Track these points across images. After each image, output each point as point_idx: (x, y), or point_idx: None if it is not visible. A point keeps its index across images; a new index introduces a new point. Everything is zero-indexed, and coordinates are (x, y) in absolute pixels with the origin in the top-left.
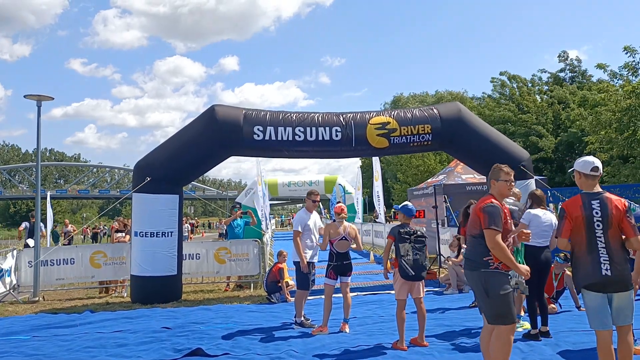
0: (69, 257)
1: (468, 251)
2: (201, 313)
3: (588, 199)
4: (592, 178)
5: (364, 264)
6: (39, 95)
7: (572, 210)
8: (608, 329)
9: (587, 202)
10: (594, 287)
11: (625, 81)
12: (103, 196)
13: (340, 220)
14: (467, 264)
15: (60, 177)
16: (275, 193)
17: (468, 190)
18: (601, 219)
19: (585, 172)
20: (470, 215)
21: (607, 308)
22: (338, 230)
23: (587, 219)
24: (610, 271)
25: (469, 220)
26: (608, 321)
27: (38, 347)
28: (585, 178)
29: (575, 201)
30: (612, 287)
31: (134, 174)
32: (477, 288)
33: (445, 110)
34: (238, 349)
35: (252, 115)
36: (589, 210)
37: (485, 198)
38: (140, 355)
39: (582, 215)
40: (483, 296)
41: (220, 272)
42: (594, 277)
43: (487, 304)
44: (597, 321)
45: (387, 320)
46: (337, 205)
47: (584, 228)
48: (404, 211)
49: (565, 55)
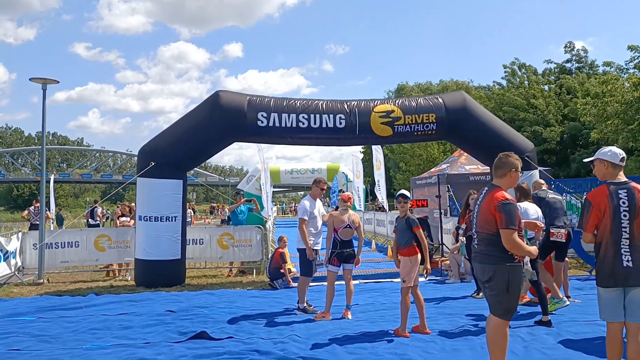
0: (73, 240)
1: (486, 245)
2: (205, 297)
3: (615, 188)
4: (619, 168)
5: (365, 252)
6: (44, 79)
7: (599, 200)
8: (619, 320)
9: (615, 192)
10: (614, 279)
11: (631, 74)
12: (106, 181)
13: (345, 209)
14: (486, 258)
15: (63, 161)
16: (277, 180)
17: (471, 180)
18: (628, 208)
19: (614, 162)
20: (482, 212)
21: (621, 300)
22: (342, 218)
23: (614, 209)
24: (632, 262)
25: (481, 217)
26: (619, 313)
27: (44, 328)
28: (612, 168)
29: (601, 191)
30: (633, 280)
31: (138, 158)
32: (499, 282)
33: (450, 100)
34: (242, 333)
35: (257, 102)
36: (617, 199)
37: (495, 192)
38: (146, 337)
39: (609, 205)
40: (502, 290)
41: (224, 257)
42: (615, 267)
43: (505, 297)
44: (609, 313)
45: (389, 308)
46: (345, 193)
47: (610, 218)
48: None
49: (571, 45)
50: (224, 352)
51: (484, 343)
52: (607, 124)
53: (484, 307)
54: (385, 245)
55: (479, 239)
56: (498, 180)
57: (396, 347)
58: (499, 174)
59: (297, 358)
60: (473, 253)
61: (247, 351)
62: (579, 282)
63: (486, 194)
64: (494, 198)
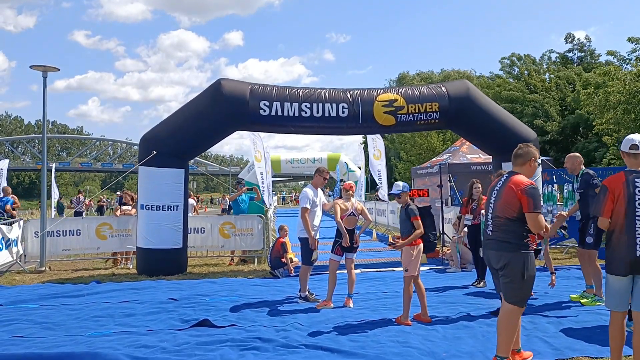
0: (75, 229)
1: (503, 232)
2: (206, 286)
3: (632, 176)
4: (633, 156)
5: (366, 241)
6: (45, 66)
7: (615, 187)
8: (623, 310)
9: (631, 180)
10: (626, 267)
11: (633, 64)
12: (106, 169)
13: (347, 197)
14: (502, 245)
15: (63, 149)
16: (278, 170)
17: (473, 170)
18: None
19: (624, 151)
20: (503, 196)
21: (629, 289)
22: (346, 205)
23: (629, 197)
24: None
25: (502, 202)
26: (625, 303)
27: (47, 316)
28: (627, 157)
29: (618, 178)
30: None
31: (139, 147)
32: (514, 270)
33: (453, 89)
34: (244, 321)
35: (259, 90)
36: (632, 187)
37: (518, 177)
38: (149, 324)
39: (624, 192)
40: (518, 278)
41: (225, 246)
42: (627, 255)
43: (520, 285)
44: (615, 302)
45: (391, 297)
46: (347, 182)
47: (624, 205)
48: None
49: (571, 37)
50: (226, 340)
51: (485, 331)
52: (609, 115)
53: (485, 295)
54: (386, 235)
55: (495, 225)
56: (518, 168)
57: (398, 335)
58: (519, 162)
59: (300, 345)
60: (486, 240)
61: (249, 339)
62: (579, 271)
63: (507, 180)
64: (519, 182)
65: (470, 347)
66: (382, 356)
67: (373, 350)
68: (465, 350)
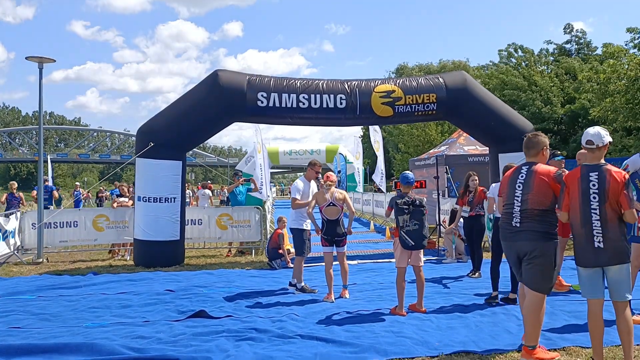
0: (72, 220)
1: (538, 223)
2: (203, 277)
3: (587, 171)
4: (590, 151)
5: (364, 232)
6: (41, 57)
7: (570, 182)
8: (598, 298)
9: (586, 174)
10: (587, 261)
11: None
12: (104, 161)
13: (327, 187)
14: (536, 235)
15: (61, 140)
16: (277, 161)
17: (470, 161)
18: (597, 191)
19: (582, 144)
20: (536, 188)
21: (598, 279)
22: (325, 196)
23: (584, 192)
24: (602, 244)
25: (536, 193)
26: (599, 291)
27: (44, 307)
28: (584, 150)
29: (574, 173)
30: (604, 261)
31: (136, 138)
32: (548, 258)
33: (450, 79)
34: (240, 312)
35: (256, 81)
36: (587, 182)
37: (542, 166)
38: (145, 316)
39: (579, 187)
40: (550, 266)
41: (222, 238)
42: (586, 248)
43: (550, 273)
44: (588, 290)
45: (387, 287)
46: (328, 173)
47: (579, 200)
48: (401, 180)
49: (570, 27)
50: (222, 331)
51: (479, 321)
52: (606, 102)
53: (479, 286)
54: (383, 226)
55: (526, 217)
56: (533, 158)
57: (392, 325)
58: (532, 153)
59: (295, 336)
60: (512, 232)
61: (245, 329)
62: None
63: (532, 172)
64: (548, 171)
65: (463, 337)
66: (376, 346)
67: (368, 340)
68: (458, 340)
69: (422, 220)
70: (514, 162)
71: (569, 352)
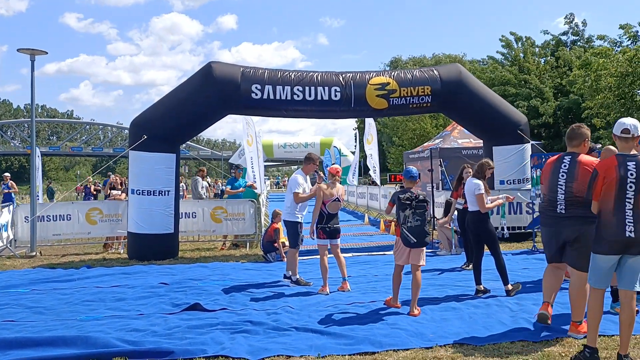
0: (65, 214)
1: (582, 209)
2: (198, 270)
3: (624, 160)
4: (624, 140)
5: (358, 225)
6: (33, 50)
7: (606, 170)
8: (604, 287)
9: (623, 163)
10: (615, 248)
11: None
12: (96, 154)
13: (333, 182)
14: (581, 220)
15: (53, 133)
16: (271, 154)
17: (464, 154)
18: (635, 180)
19: (616, 134)
20: (580, 177)
21: (613, 270)
22: (332, 191)
23: (621, 180)
24: (634, 233)
25: (578, 182)
26: (607, 281)
27: (37, 300)
28: (619, 140)
29: (610, 162)
30: (633, 249)
31: (130, 131)
32: (589, 240)
33: (445, 72)
34: (235, 305)
35: (250, 73)
36: (624, 171)
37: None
38: (140, 309)
39: (617, 175)
40: (590, 246)
41: (217, 231)
42: (616, 236)
43: (589, 253)
44: (602, 280)
45: (381, 280)
46: (333, 166)
47: (615, 188)
48: (405, 175)
49: (571, 17)
50: (217, 323)
51: (472, 313)
52: (599, 97)
53: (473, 278)
54: (377, 219)
55: (571, 204)
56: (575, 149)
57: (387, 317)
58: (575, 143)
59: (290, 328)
60: (557, 218)
61: (240, 322)
62: None
63: (575, 162)
64: (592, 162)
65: (457, 328)
66: (371, 337)
67: (362, 332)
68: (452, 331)
69: (424, 216)
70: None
71: (562, 344)
